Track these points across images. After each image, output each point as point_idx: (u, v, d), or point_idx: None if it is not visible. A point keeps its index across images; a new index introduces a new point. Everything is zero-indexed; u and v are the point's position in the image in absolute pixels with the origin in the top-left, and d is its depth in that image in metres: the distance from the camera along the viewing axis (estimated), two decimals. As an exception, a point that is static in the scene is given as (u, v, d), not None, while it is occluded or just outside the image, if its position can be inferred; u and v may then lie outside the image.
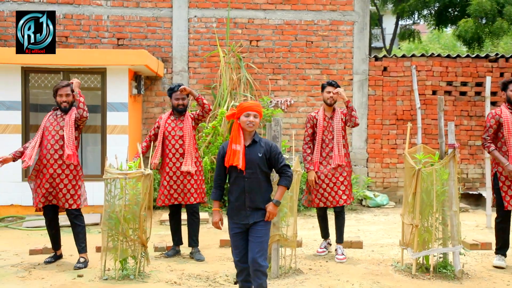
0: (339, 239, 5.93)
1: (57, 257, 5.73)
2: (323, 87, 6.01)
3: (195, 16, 9.72)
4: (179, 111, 5.92)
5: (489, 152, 5.61)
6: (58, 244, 5.76)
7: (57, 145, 5.42)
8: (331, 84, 5.96)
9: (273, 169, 4.06)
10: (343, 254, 5.81)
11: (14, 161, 5.47)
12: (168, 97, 6.06)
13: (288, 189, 4.05)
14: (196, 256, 5.83)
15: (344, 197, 5.83)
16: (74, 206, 5.48)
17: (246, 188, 3.89)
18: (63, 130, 5.43)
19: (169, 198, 5.86)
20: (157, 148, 5.87)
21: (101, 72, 8.44)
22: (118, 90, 8.39)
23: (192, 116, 5.97)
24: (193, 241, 5.91)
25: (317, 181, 5.89)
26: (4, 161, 5.37)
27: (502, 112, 5.54)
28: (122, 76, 8.43)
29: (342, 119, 5.94)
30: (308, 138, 6.01)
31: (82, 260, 5.49)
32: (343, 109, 6.04)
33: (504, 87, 5.63)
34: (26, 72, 8.40)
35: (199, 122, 6.06)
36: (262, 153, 3.93)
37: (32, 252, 5.99)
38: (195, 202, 5.84)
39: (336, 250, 5.90)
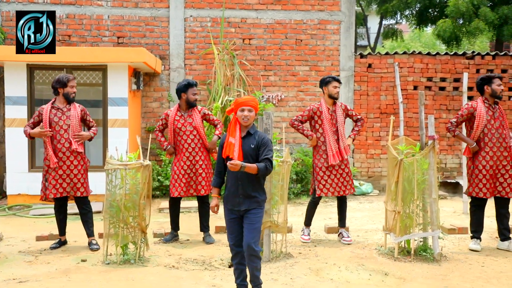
0: (343, 223, 6.00)
1: (62, 243, 5.72)
2: (328, 82, 5.85)
3: (191, 16, 9.65)
4: (193, 105, 5.91)
5: (453, 136, 5.67)
6: (64, 230, 5.76)
7: (67, 136, 5.47)
8: (336, 79, 5.89)
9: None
10: (349, 237, 5.90)
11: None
12: (179, 91, 5.86)
13: (257, 174, 3.82)
14: (206, 239, 5.93)
15: (349, 187, 5.93)
16: (85, 194, 5.57)
17: (239, 177, 3.89)
18: (70, 123, 5.49)
19: (179, 191, 5.85)
20: (171, 144, 5.93)
21: (102, 69, 8.36)
22: (118, 86, 8.33)
23: (202, 114, 5.97)
24: (204, 226, 6.01)
25: (332, 171, 5.84)
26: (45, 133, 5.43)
27: (477, 106, 5.55)
28: (122, 73, 8.36)
29: (342, 113, 5.93)
30: (300, 121, 5.92)
31: (94, 242, 5.60)
32: (340, 103, 6.01)
33: (489, 81, 5.55)
34: (31, 69, 8.31)
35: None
36: (254, 144, 3.92)
37: (39, 238, 5.97)
38: (205, 194, 5.91)
39: (341, 233, 5.97)
